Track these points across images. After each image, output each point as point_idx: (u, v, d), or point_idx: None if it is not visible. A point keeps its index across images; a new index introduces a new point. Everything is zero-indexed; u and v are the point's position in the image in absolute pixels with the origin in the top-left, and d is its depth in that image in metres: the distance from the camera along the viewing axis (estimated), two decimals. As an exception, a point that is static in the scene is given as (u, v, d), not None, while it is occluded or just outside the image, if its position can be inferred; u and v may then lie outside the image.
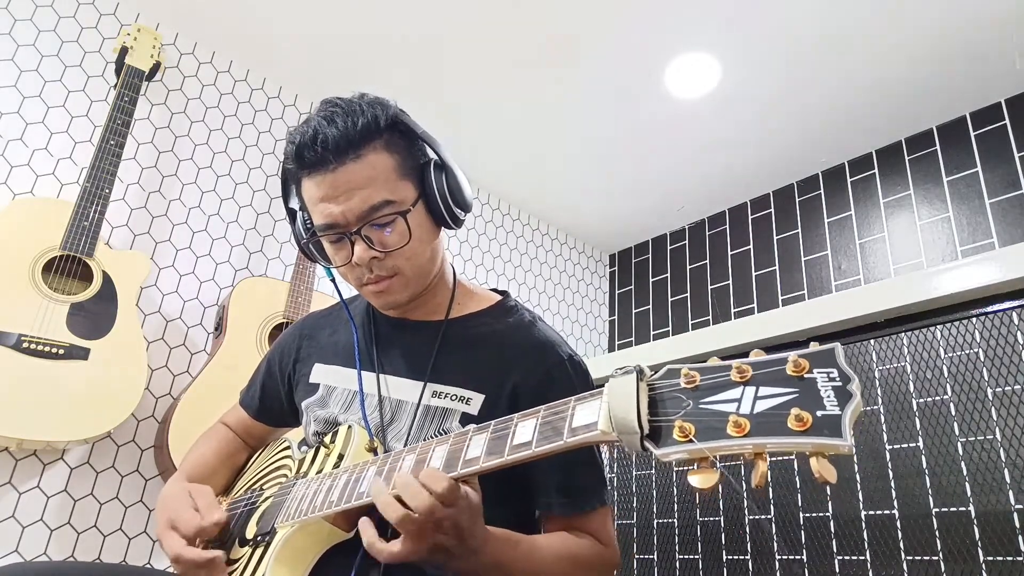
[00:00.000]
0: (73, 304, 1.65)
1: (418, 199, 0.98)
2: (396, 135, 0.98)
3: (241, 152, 2.32)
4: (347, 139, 0.93)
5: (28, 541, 1.67)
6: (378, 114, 0.96)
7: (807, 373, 0.54)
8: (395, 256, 0.97)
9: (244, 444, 1.24)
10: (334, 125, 0.93)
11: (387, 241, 0.96)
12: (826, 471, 0.50)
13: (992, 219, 2.24)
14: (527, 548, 0.88)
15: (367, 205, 0.94)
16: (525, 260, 3.08)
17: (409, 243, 0.96)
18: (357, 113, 0.95)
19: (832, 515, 1.96)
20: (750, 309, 2.80)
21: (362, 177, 0.94)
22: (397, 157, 0.97)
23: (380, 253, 0.96)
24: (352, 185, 0.94)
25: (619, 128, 2.58)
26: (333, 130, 0.93)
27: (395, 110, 0.99)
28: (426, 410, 0.99)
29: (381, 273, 0.98)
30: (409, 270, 0.99)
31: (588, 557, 0.95)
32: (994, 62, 2.19)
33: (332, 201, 0.94)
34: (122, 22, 2.13)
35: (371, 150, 0.95)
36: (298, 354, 1.17)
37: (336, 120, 0.94)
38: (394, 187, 0.96)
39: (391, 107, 0.99)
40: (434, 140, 1.01)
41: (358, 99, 0.98)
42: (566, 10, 2.09)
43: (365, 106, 0.96)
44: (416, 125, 1.01)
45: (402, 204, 0.96)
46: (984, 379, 1.77)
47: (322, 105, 0.98)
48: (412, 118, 1.03)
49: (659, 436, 0.58)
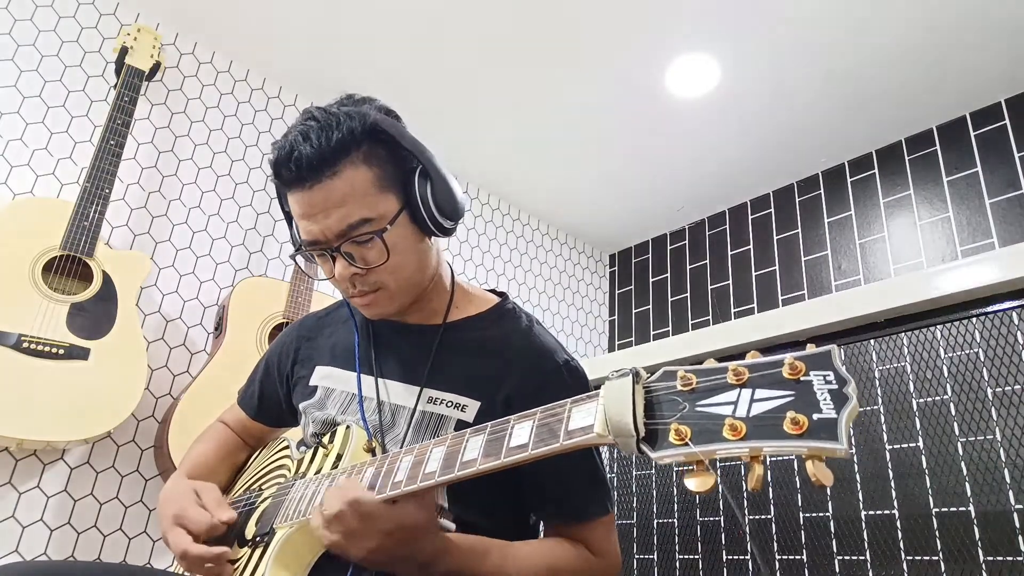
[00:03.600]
0: (73, 304, 1.65)
1: (401, 211, 0.95)
2: (377, 145, 0.94)
3: (241, 152, 2.32)
4: (321, 157, 0.90)
5: (28, 541, 1.67)
6: (355, 126, 0.91)
7: (803, 376, 0.54)
8: (377, 272, 0.95)
9: (243, 443, 1.24)
10: (308, 142, 0.90)
11: (368, 257, 0.95)
12: (822, 474, 0.50)
13: (992, 219, 2.24)
14: (497, 559, 0.88)
15: (344, 224, 0.92)
16: (525, 260, 3.08)
17: (389, 259, 0.94)
18: (332, 127, 0.90)
19: (832, 515, 1.96)
20: (750, 309, 2.80)
21: (339, 194, 0.91)
22: (377, 169, 0.93)
23: (361, 269, 0.95)
24: (329, 203, 0.91)
25: (619, 128, 2.58)
26: (307, 148, 0.89)
27: (375, 119, 0.94)
28: (422, 416, 0.99)
29: (364, 288, 0.97)
30: (393, 284, 0.98)
31: (572, 568, 0.93)
32: (994, 62, 2.19)
33: (311, 219, 0.93)
34: (122, 22, 2.13)
35: (348, 165, 0.91)
36: (296, 355, 1.17)
37: (311, 136, 0.90)
38: (373, 202, 0.93)
39: (370, 116, 0.94)
40: (419, 147, 0.96)
41: (337, 108, 0.94)
42: (566, 10, 2.09)
43: (343, 117, 0.92)
44: (400, 132, 0.96)
45: (381, 220, 0.93)
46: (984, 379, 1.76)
47: (301, 116, 0.95)
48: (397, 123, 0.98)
49: (655, 439, 0.58)
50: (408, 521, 0.78)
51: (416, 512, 0.78)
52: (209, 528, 0.97)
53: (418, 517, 0.79)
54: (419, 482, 0.75)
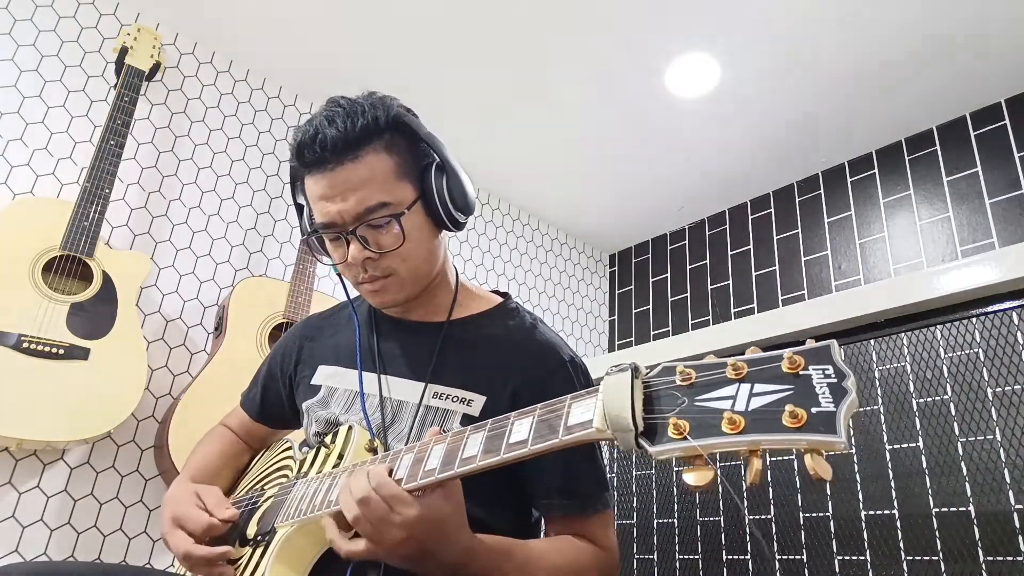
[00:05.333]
0: (73, 304, 1.65)
1: (416, 200, 0.99)
2: (398, 136, 0.98)
3: (241, 152, 2.32)
4: (345, 140, 0.93)
5: (28, 541, 1.67)
6: (379, 115, 0.96)
7: (802, 370, 0.54)
8: (390, 257, 0.97)
9: (246, 446, 1.24)
10: (334, 126, 0.94)
11: (382, 242, 0.97)
12: (821, 468, 0.50)
13: (992, 219, 2.24)
14: (522, 558, 0.88)
15: (363, 206, 0.94)
16: (525, 260, 3.08)
17: (404, 244, 0.97)
18: (358, 114, 0.95)
19: (832, 515, 1.95)
20: (750, 309, 2.80)
21: (359, 178, 0.94)
22: (397, 158, 0.97)
23: (375, 253, 0.97)
24: (349, 186, 0.94)
25: (619, 128, 2.58)
26: (332, 131, 0.93)
27: (397, 110, 0.99)
28: (427, 411, 0.99)
29: (376, 273, 0.99)
30: (404, 271, 1.00)
31: (588, 565, 0.94)
32: (994, 62, 2.19)
33: (330, 200, 0.95)
34: (122, 22, 2.13)
35: (370, 151, 0.95)
36: (299, 356, 1.18)
37: (336, 120, 0.94)
38: (391, 188, 0.96)
39: (393, 107, 0.99)
40: (437, 141, 1.01)
41: (363, 98, 0.98)
42: (566, 10, 2.09)
43: (367, 106, 0.96)
44: (420, 126, 1.00)
45: (398, 206, 0.96)
46: (984, 379, 1.76)
47: (326, 104, 0.99)
48: (417, 118, 1.02)
49: (654, 433, 0.58)
50: (435, 513, 0.76)
51: (443, 504, 0.77)
52: (208, 528, 0.97)
53: (445, 509, 0.77)
54: (419, 479, 0.75)
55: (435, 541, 0.77)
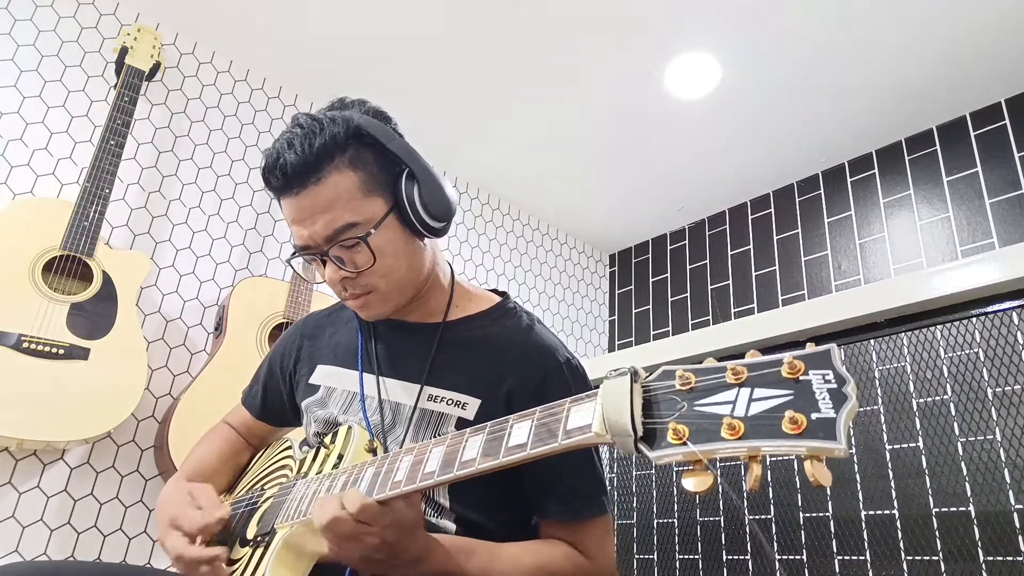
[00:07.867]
0: (73, 304, 1.65)
1: (389, 212, 0.96)
2: (362, 149, 0.95)
3: (241, 152, 2.32)
4: (305, 164, 0.91)
5: (28, 541, 1.67)
6: (337, 131, 0.93)
7: (802, 375, 0.54)
8: (367, 275, 0.96)
9: (246, 444, 1.24)
10: (293, 149, 0.92)
11: (357, 261, 0.96)
12: (820, 474, 0.50)
13: (992, 219, 2.24)
14: (485, 558, 0.88)
15: (331, 229, 0.93)
16: (525, 260, 3.08)
17: (378, 262, 0.95)
18: (315, 134, 0.92)
19: (832, 515, 1.96)
20: (750, 309, 2.80)
21: (325, 200, 0.92)
22: (363, 173, 0.94)
23: (351, 273, 0.96)
24: (315, 209, 0.93)
25: (619, 128, 2.58)
26: (292, 155, 0.92)
27: (358, 123, 0.95)
28: (422, 414, 0.99)
29: (356, 291, 0.98)
30: (384, 286, 0.98)
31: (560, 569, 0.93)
32: (994, 62, 2.19)
33: (300, 224, 0.95)
34: (122, 22, 2.13)
35: (332, 171, 0.92)
36: (299, 354, 1.17)
37: (295, 143, 0.92)
38: (358, 206, 0.94)
39: (354, 121, 0.95)
40: (406, 149, 0.97)
41: (324, 114, 0.95)
42: (566, 10, 2.09)
43: (327, 122, 0.93)
44: (387, 134, 0.96)
45: (367, 224, 0.94)
46: (984, 379, 1.77)
47: (290, 122, 0.97)
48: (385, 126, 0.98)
49: (653, 438, 0.58)
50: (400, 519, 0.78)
51: (406, 510, 0.78)
52: (203, 527, 0.96)
53: (407, 515, 0.79)
54: (418, 482, 0.75)
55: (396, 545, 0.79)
